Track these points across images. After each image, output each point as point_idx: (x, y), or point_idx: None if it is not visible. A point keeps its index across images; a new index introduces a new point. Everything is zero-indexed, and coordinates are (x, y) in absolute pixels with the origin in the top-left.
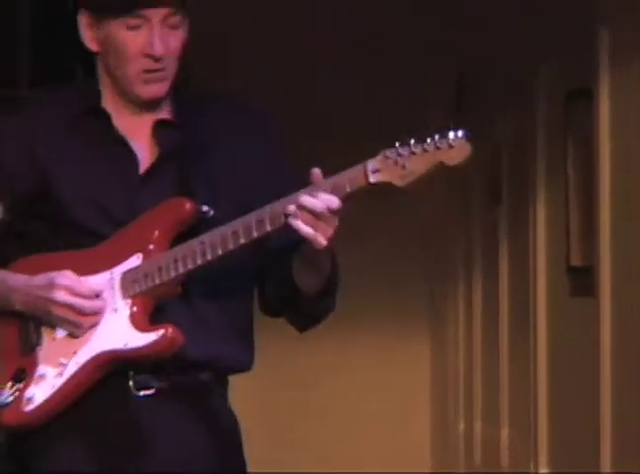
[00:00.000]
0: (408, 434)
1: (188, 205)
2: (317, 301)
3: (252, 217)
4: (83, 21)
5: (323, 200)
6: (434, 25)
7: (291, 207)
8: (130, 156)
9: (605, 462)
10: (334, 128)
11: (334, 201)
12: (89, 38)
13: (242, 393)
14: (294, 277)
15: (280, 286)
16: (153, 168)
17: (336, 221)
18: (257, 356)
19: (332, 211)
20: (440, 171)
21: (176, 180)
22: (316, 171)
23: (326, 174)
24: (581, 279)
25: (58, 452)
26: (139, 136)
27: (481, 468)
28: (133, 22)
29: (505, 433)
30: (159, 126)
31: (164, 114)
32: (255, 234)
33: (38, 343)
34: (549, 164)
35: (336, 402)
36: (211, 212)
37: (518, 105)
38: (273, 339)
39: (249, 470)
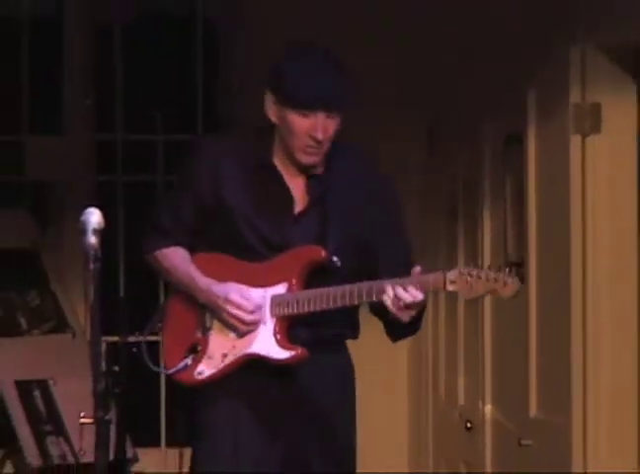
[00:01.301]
0: (390, 381)
1: (323, 254)
2: (406, 326)
3: (365, 285)
4: (269, 99)
5: (412, 295)
6: (414, 88)
7: (390, 294)
8: (290, 200)
9: (532, 400)
10: None
11: (419, 296)
12: (271, 112)
13: None
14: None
15: (381, 311)
16: (304, 212)
17: (417, 308)
18: None
19: (416, 303)
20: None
21: (317, 224)
22: (417, 269)
23: None
24: (515, 271)
25: (223, 406)
26: (297, 186)
27: (444, 403)
28: (305, 112)
29: (461, 379)
30: (311, 180)
31: (319, 169)
32: (365, 298)
33: (210, 328)
34: (492, 190)
35: None
36: (339, 263)
37: (470, 148)
38: None
39: None
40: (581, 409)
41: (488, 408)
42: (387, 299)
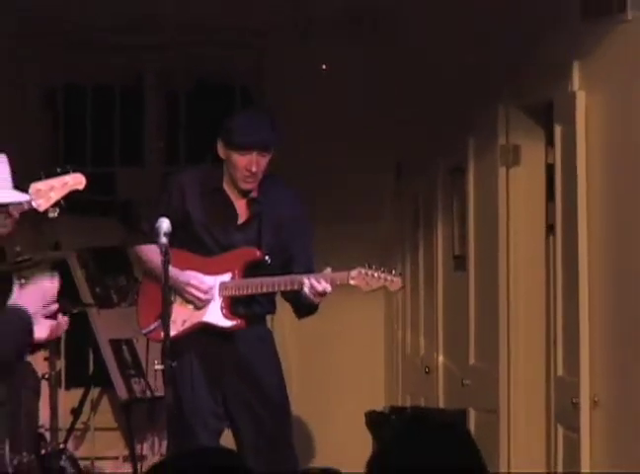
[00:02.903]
0: (371, 339)
1: (258, 254)
2: (308, 308)
3: (289, 278)
4: (219, 143)
5: (323, 286)
6: (388, 138)
7: (308, 284)
8: (235, 215)
9: (471, 352)
10: (317, 186)
11: (328, 288)
12: (221, 152)
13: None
14: (300, 296)
15: (291, 297)
16: (244, 224)
17: (323, 296)
18: None
19: (325, 292)
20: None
21: (254, 232)
22: (328, 269)
23: None
24: (460, 262)
25: (183, 359)
26: (240, 205)
27: (410, 354)
28: (243, 152)
29: (422, 338)
30: (251, 202)
31: (255, 193)
32: (289, 287)
33: (174, 301)
34: (443, 206)
35: (329, 322)
36: (269, 261)
37: (426, 176)
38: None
39: None
40: (505, 359)
41: (440, 357)
42: (306, 287)
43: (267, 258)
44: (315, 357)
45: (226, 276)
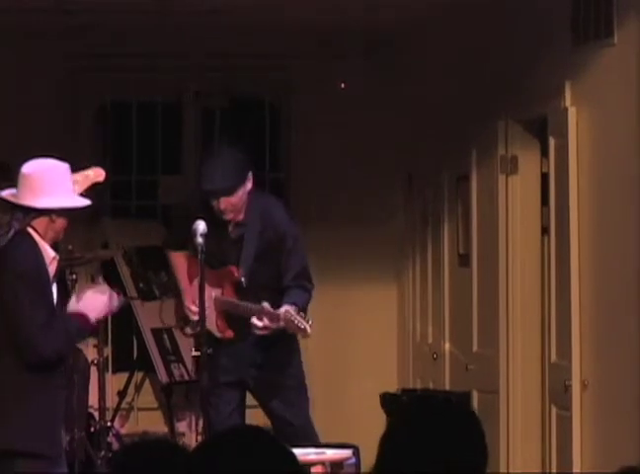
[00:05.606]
0: (386, 328)
1: (235, 275)
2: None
3: (251, 306)
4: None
5: (265, 324)
6: (400, 146)
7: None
8: (228, 236)
9: (475, 340)
10: (339, 193)
11: (268, 326)
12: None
13: None
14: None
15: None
16: (232, 244)
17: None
18: None
19: (266, 327)
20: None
21: (239, 251)
22: (265, 304)
23: None
24: (464, 259)
25: (218, 354)
26: (233, 229)
27: (419, 342)
28: (214, 199)
29: (430, 328)
30: (236, 225)
31: (241, 217)
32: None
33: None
34: (449, 211)
35: (348, 312)
36: (244, 284)
37: (434, 184)
38: None
39: None
40: (505, 346)
41: (447, 345)
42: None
43: (242, 279)
44: (334, 345)
45: (219, 291)
